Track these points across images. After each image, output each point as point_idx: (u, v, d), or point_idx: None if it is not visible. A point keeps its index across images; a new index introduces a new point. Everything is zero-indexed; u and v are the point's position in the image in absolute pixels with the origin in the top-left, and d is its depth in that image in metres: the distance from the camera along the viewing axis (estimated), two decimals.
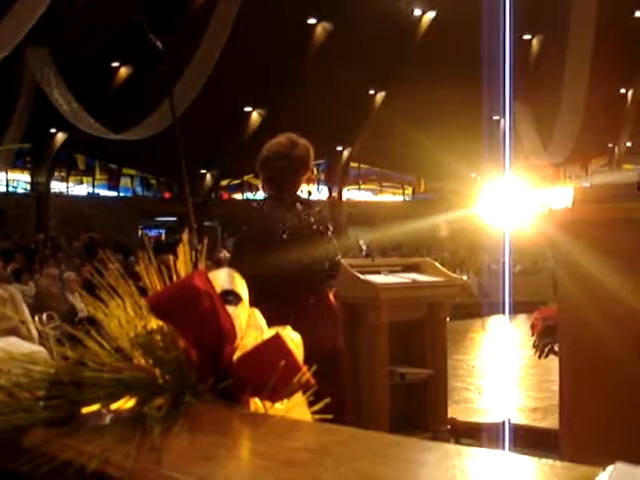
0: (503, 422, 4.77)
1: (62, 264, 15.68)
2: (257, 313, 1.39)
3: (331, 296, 4.02)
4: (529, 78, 22.19)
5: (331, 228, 4.09)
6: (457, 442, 5.01)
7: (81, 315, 9.92)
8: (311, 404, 1.25)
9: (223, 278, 1.37)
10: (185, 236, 1.34)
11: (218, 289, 1.28)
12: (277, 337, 1.21)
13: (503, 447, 4.34)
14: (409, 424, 4.99)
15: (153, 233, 28.48)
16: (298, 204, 4.02)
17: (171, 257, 1.34)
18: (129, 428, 1.03)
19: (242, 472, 0.89)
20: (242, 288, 1.40)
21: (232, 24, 20.27)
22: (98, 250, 19.35)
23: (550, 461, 0.84)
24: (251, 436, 1.04)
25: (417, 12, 25.91)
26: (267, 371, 1.11)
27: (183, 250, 1.38)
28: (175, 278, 1.36)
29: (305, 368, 1.17)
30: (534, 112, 24.76)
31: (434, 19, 25.73)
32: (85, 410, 1.10)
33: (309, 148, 4.03)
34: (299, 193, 4.15)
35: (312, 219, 3.99)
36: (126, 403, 1.11)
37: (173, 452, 0.94)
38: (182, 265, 1.38)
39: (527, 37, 26.21)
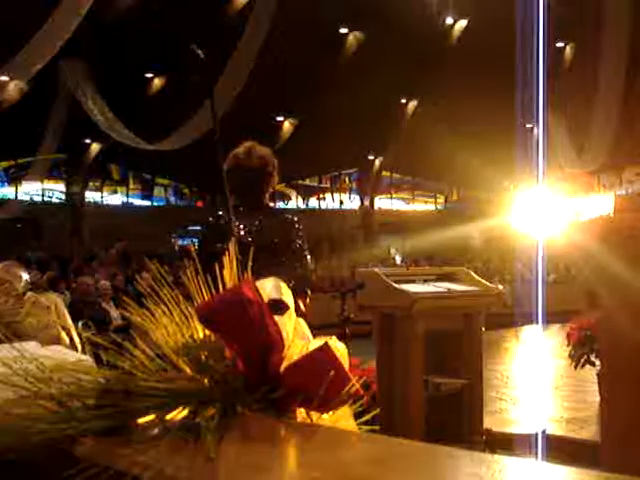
0: (538, 433, 4.72)
1: (96, 273, 15.81)
2: (302, 322, 1.38)
3: (302, 308, 3.91)
4: (563, 86, 22.00)
5: (299, 240, 4.03)
6: (493, 453, 4.96)
7: (116, 323, 9.99)
8: (356, 416, 1.24)
9: (270, 287, 1.37)
10: (231, 247, 1.35)
11: (265, 298, 1.28)
12: (326, 347, 1.20)
13: (539, 458, 4.28)
14: (444, 435, 4.95)
15: (185, 242, 28.65)
16: (260, 215, 4.00)
17: (217, 267, 1.34)
18: (181, 438, 1.03)
19: None
20: (288, 297, 1.40)
21: (265, 34, 20.36)
22: (132, 259, 19.53)
23: (591, 471, 0.83)
24: (304, 447, 1.03)
25: (449, 20, 25.83)
26: (316, 381, 1.11)
27: (229, 260, 1.39)
28: (221, 288, 1.36)
29: (355, 379, 1.17)
30: (568, 120, 24.54)
31: (466, 27, 25.63)
32: (139, 420, 1.11)
33: (266, 157, 4.05)
34: (268, 202, 4.16)
35: (274, 230, 3.95)
36: (179, 413, 1.11)
37: (227, 463, 0.93)
38: (228, 274, 1.38)
39: (560, 45, 26.00)
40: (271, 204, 4.89)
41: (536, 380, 9.19)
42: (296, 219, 4.21)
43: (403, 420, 4.79)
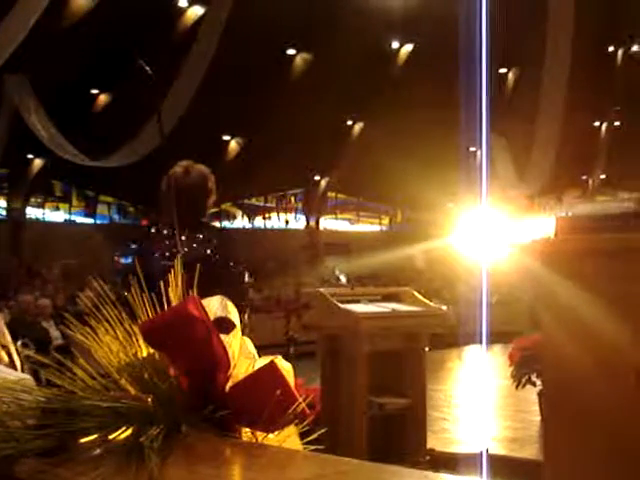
0: (481, 452, 4.76)
1: (37, 291, 15.50)
2: (248, 341, 1.38)
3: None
4: (505, 110, 22.44)
5: (237, 255, 4.02)
6: (436, 472, 4.97)
7: (56, 343, 9.80)
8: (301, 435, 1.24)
9: (216, 305, 1.36)
10: (177, 264, 1.34)
11: (211, 316, 1.27)
12: (272, 365, 1.20)
13: (481, 477, 4.32)
14: (388, 454, 4.96)
15: (129, 260, 28.28)
16: (200, 232, 3.97)
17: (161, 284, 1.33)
18: (124, 459, 1.01)
19: None
20: (234, 315, 1.39)
21: (213, 52, 20.33)
22: (72, 277, 19.20)
23: None
24: (250, 467, 1.02)
25: (395, 44, 26.18)
26: (262, 401, 1.10)
27: (174, 278, 1.38)
28: (166, 306, 1.35)
29: (301, 398, 1.16)
30: (510, 143, 25.01)
31: (412, 51, 26.02)
32: (81, 440, 1.09)
33: (204, 174, 4.04)
34: (207, 220, 4.17)
35: (214, 247, 3.93)
36: (122, 433, 1.10)
37: None
38: (173, 293, 1.37)
39: (503, 70, 26.56)
40: (213, 222, 4.83)
41: (479, 400, 9.28)
42: (232, 235, 4.20)
43: (347, 439, 4.79)
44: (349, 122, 28.43)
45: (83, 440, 1.13)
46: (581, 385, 2.41)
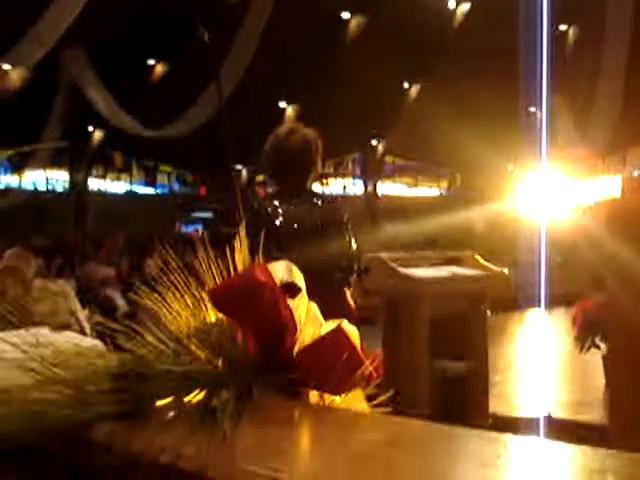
0: (544, 416, 4.74)
1: (101, 260, 15.83)
2: (314, 306, 1.39)
3: (348, 296, 3.84)
4: (565, 69, 21.92)
5: (346, 224, 3.87)
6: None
7: (122, 310, 10.02)
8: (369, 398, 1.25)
9: (282, 270, 1.37)
10: (242, 230, 1.35)
11: (277, 281, 1.28)
12: (340, 330, 1.21)
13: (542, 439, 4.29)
14: (449, 419, 4.96)
15: (190, 229, 28.68)
16: (304, 199, 3.81)
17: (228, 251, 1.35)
18: (198, 421, 1.04)
19: (315, 465, 0.89)
20: (300, 280, 1.40)
21: (266, 18, 20.29)
22: (135, 246, 19.53)
23: (597, 449, 0.83)
24: (319, 429, 1.04)
25: (451, 4, 25.71)
26: (330, 364, 1.11)
27: (240, 244, 1.39)
28: (233, 271, 1.36)
29: (369, 361, 1.17)
30: (571, 102, 24.44)
31: (469, 11, 25.51)
32: (155, 404, 1.12)
33: (308, 137, 3.84)
34: (312, 186, 3.98)
35: (321, 214, 3.78)
36: (195, 397, 1.12)
37: (244, 445, 0.94)
38: (240, 258, 1.39)
39: (563, 28, 25.88)
40: (315, 188, 4.59)
41: (541, 364, 9.20)
42: (340, 204, 4.06)
43: (409, 404, 4.81)
44: (406, 85, 28.12)
45: (157, 404, 1.16)
46: None
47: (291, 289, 1.35)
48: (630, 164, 29.21)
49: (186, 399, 1.18)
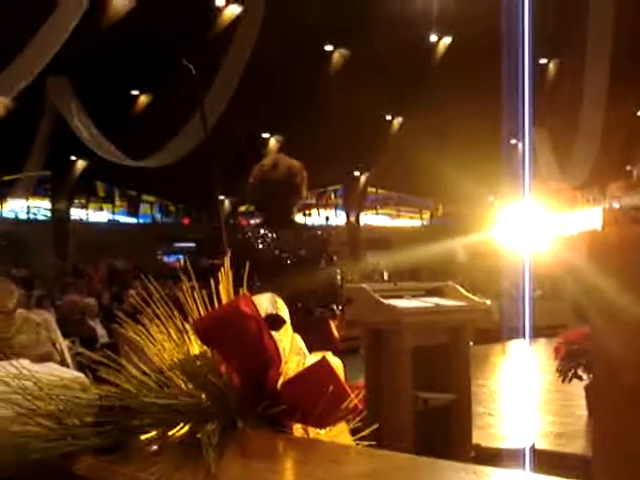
0: (527, 447, 4.72)
1: (82, 290, 15.74)
2: (298, 338, 1.39)
3: (333, 327, 3.85)
4: (546, 101, 22.17)
5: (330, 254, 3.91)
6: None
7: (102, 341, 9.95)
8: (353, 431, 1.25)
9: (266, 302, 1.37)
10: (226, 261, 1.35)
11: (262, 313, 1.28)
12: (324, 362, 1.21)
13: (526, 472, 4.28)
14: (432, 451, 4.93)
15: (172, 259, 28.59)
16: (289, 229, 3.85)
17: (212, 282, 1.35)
18: (182, 455, 1.03)
19: None
20: (284, 312, 1.40)
21: (250, 50, 20.44)
22: (117, 276, 19.46)
23: None
24: (305, 462, 1.03)
25: (433, 38, 26.03)
26: (315, 397, 1.11)
27: (224, 274, 1.39)
28: (217, 303, 1.36)
29: (353, 394, 1.17)
30: (552, 135, 24.72)
31: (450, 44, 25.83)
32: (138, 437, 1.11)
33: (293, 169, 3.87)
34: (295, 217, 4.01)
35: (306, 245, 3.82)
36: (179, 430, 1.11)
37: (229, 478, 0.94)
38: (224, 290, 1.39)
39: (543, 61, 26.23)
40: (299, 219, 4.56)
41: (524, 395, 9.20)
42: (325, 235, 4.07)
43: (391, 436, 4.78)
44: (388, 117, 28.35)
45: (142, 437, 1.16)
46: (631, 379, 2.38)
47: (276, 321, 1.35)
48: (610, 196, 29.47)
49: (170, 432, 1.18)
